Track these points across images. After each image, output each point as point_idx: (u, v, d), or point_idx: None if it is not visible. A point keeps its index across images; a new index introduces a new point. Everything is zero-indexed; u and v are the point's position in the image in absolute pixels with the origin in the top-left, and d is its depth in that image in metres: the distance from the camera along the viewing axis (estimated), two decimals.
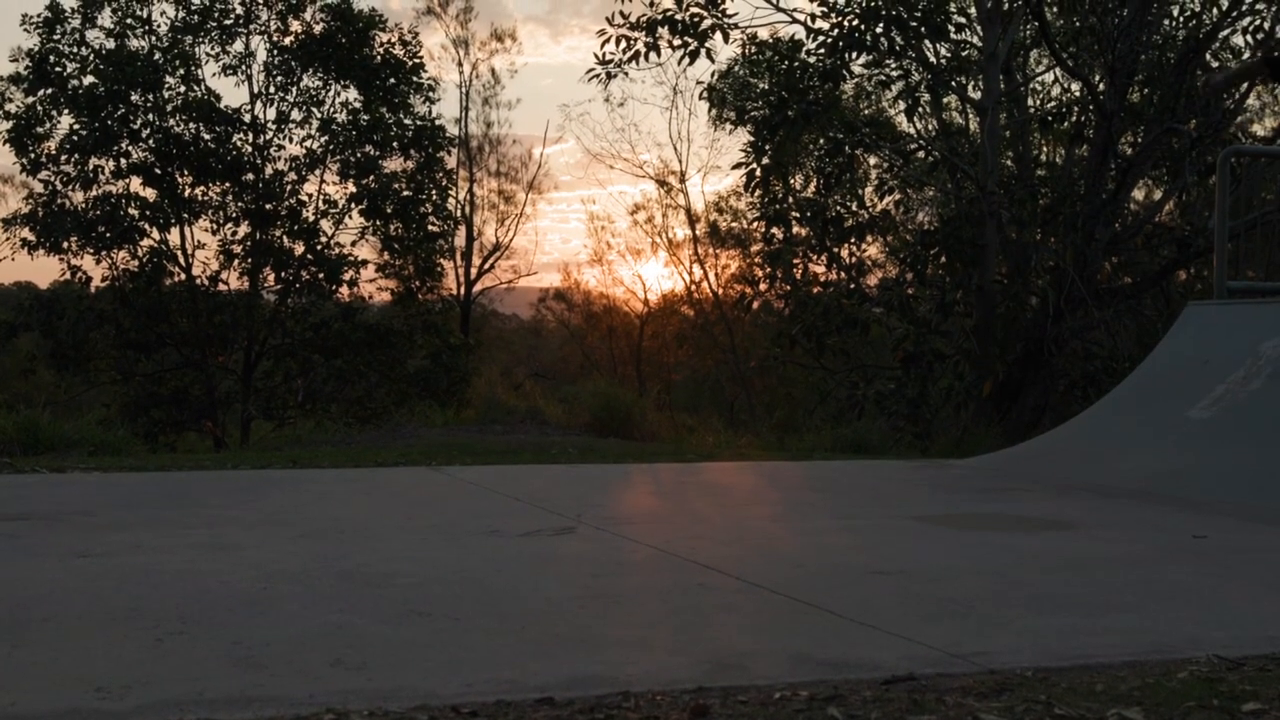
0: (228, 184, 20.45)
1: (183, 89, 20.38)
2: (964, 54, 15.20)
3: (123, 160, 19.98)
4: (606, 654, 3.54)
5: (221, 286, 20.73)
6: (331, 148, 20.92)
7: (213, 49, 20.84)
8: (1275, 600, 4.57)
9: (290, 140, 21.02)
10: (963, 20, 15.15)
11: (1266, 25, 14.06)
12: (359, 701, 3.05)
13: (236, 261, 20.58)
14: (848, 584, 4.68)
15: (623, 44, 13.73)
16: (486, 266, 36.49)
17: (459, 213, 33.05)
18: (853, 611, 4.13)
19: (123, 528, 5.80)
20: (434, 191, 21.58)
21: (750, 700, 3.06)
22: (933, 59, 14.87)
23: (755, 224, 17.32)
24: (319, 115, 21.03)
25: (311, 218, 20.95)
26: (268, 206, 20.45)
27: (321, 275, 20.70)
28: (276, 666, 3.36)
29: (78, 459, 9.57)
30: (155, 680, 3.22)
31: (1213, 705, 2.99)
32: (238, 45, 21.05)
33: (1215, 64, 14.88)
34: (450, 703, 3.05)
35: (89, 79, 19.92)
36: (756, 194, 15.09)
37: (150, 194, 20.25)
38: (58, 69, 19.93)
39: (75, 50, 20.09)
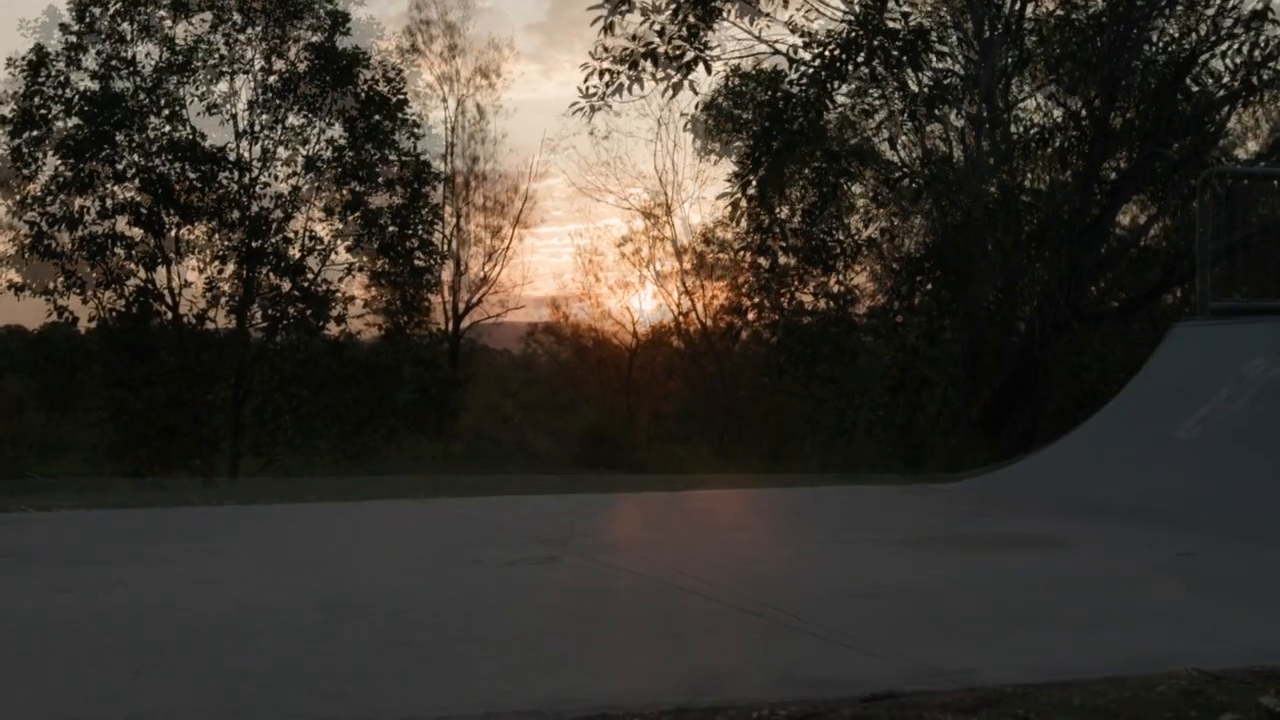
0: (214, 222, 20.45)
1: (167, 129, 20.39)
2: (946, 82, 15.25)
3: (108, 201, 19.98)
4: (588, 676, 3.53)
5: (209, 324, 20.70)
6: (317, 184, 20.95)
7: (197, 89, 20.88)
8: (1258, 614, 4.56)
9: (276, 178, 21.05)
10: (944, 49, 15.22)
11: (1245, 50, 14.14)
12: None
13: (223, 299, 20.56)
14: (833, 605, 4.66)
15: (606, 77, 13.75)
16: (474, 300, 36.47)
17: (445, 247, 33.03)
18: (837, 632, 4.11)
19: (106, 563, 5.77)
20: (420, 227, 21.60)
21: (731, 718, 3.05)
22: (915, 87, 14.92)
23: (741, 253, 17.35)
24: (304, 152, 21.06)
25: (298, 255, 20.95)
26: (254, 244, 20.45)
27: (309, 312, 20.68)
28: (253, 695, 3.34)
29: (64, 497, 9.53)
30: (131, 711, 3.20)
31: (1190, 716, 2.98)
32: (222, 85, 21.10)
33: (1196, 88, 14.94)
34: None
35: (74, 121, 19.94)
36: (742, 223, 15.12)
37: (136, 234, 20.26)
38: (43, 111, 19.95)
39: (60, 93, 20.11)
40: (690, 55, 13.64)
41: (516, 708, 3.16)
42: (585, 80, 13.75)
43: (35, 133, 19.90)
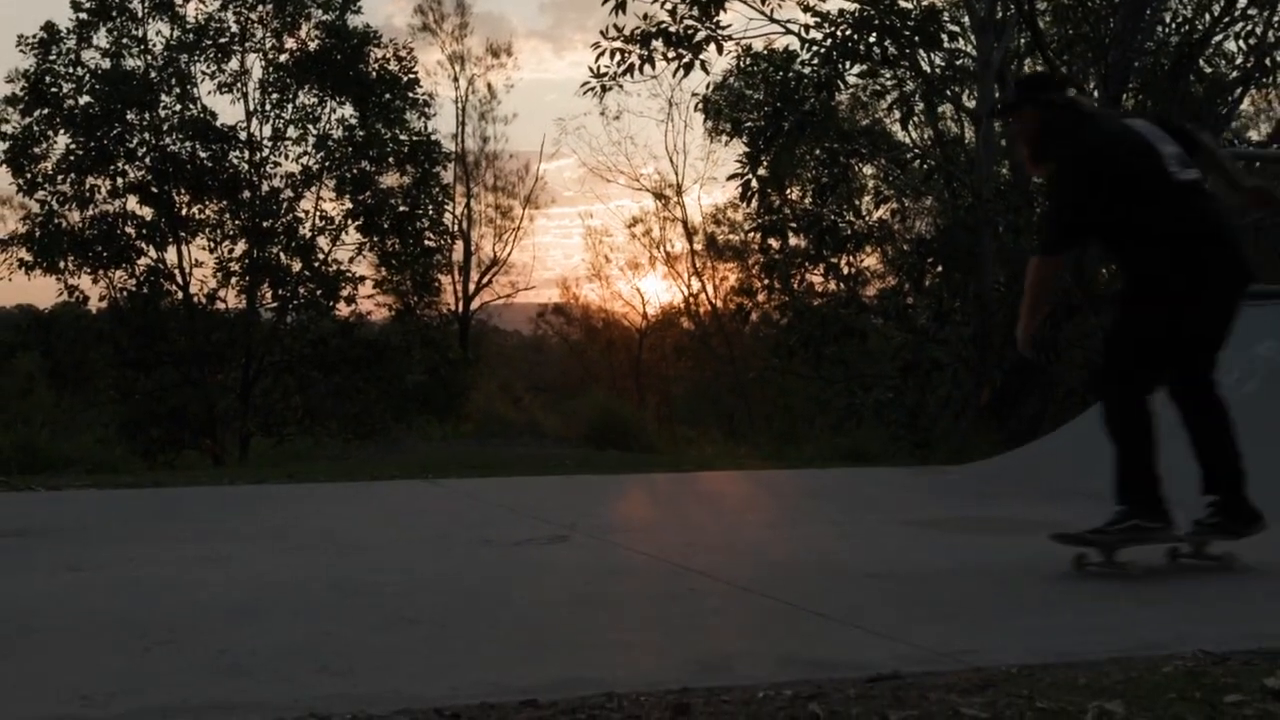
0: (224, 202, 20.46)
1: (178, 107, 20.40)
2: (958, 63, 15.21)
3: (119, 179, 19.99)
4: (593, 657, 3.55)
5: (219, 305, 20.73)
6: (327, 164, 20.93)
7: (208, 67, 20.87)
8: (1263, 595, 4.57)
9: (286, 157, 21.04)
10: (956, 29, 15.17)
11: (1259, 31, 14.09)
12: (342, 705, 3.05)
13: (234, 279, 20.57)
14: (838, 587, 4.68)
15: (617, 57, 13.72)
16: (485, 281, 36.50)
17: (456, 228, 33.04)
18: (842, 614, 4.13)
19: (116, 541, 5.81)
20: (430, 206, 21.60)
21: (733, 699, 3.06)
22: (927, 68, 14.88)
23: (752, 234, 17.32)
24: (315, 132, 21.04)
25: (308, 234, 20.94)
26: (264, 224, 20.45)
27: (319, 292, 20.70)
28: (261, 673, 3.36)
29: (75, 477, 9.57)
30: (141, 688, 3.23)
31: (1194, 697, 2.99)
32: (233, 63, 21.09)
33: (1209, 70, 14.88)
34: (434, 705, 3.05)
35: (85, 99, 19.94)
36: (753, 204, 15.07)
37: (147, 213, 20.27)
38: (53, 89, 19.95)
39: (71, 70, 20.12)
40: (702, 34, 13.59)
41: (523, 686, 3.17)
42: (596, 60, 13.72)
43: (46, 111, 19.90)
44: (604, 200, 55.85)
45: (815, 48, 13.69)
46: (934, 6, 13.98)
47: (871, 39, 13.48)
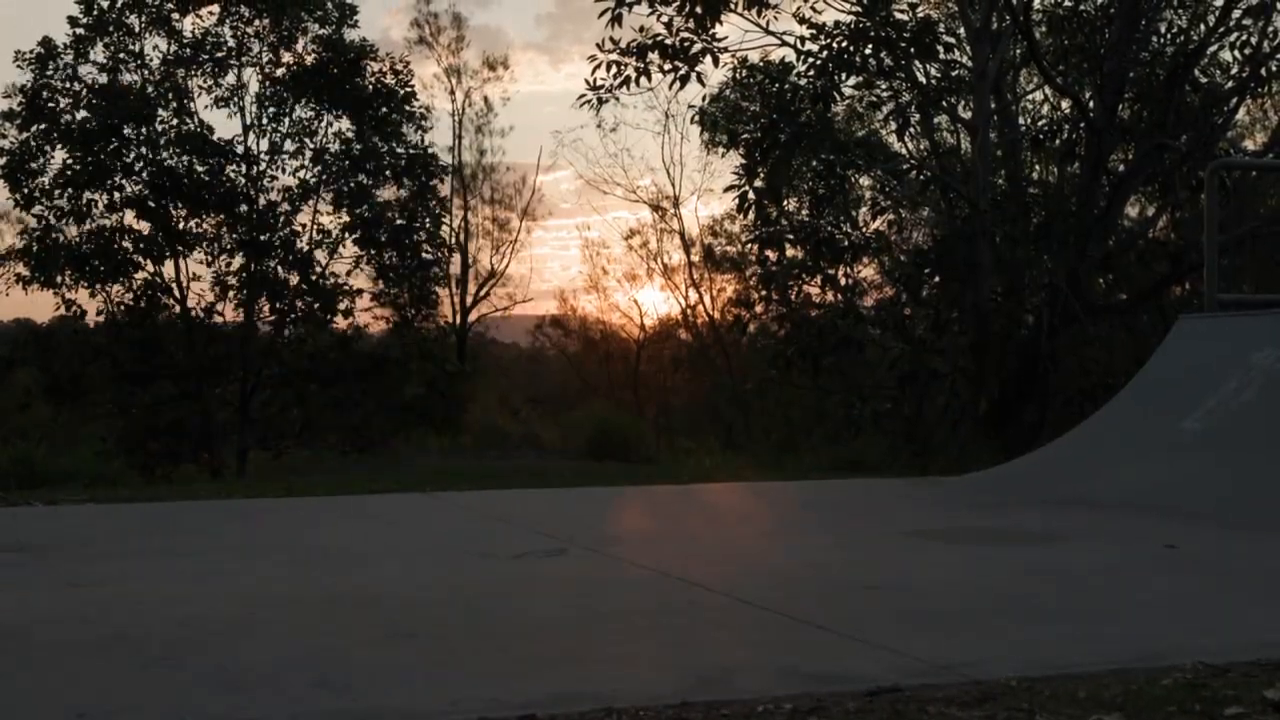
0: (221, 216, 20.46)
1: (175, 122, 20.41)
2: (954, 74, 15.21)
3: (116, 194, 20.00)
4: (592, 671, 3.53)
5: (217, 318, 20.73)
6: (325, 177, 20.93)
7: (205, 82, 20.89)
8: (1263, 607, 4.56)
9: (283, 171, 21.06)
10: (951, 40, 15.18)
11: (1254, 40, 14.09)
12: None
13: (231, 293, 20.57)
14: (839, 599, 4.67)
15: (614, 70, 13.73)
16: (482, 294, 36.47)
17: (453, 240, 33.02)
18: (842, 626, 4.12)
19: (113, 557, 5.79)
20: (427, 219, 21.60)
21: (733, 713, 3.05)
22: (923, 79, 14.89)
23: (749, 246, 17.31)
24: (312, 145, 21.05)
25: (306, 248, 20.95)
26: (262, 238, 20.45)
27: (317, 305, 20.70)
28: (259, 689, 3.35)
29: (72, 491, 9.56)
30: (138, 705, 3.22)
31: (1194, 710, 2.98)
32: (230, 78, 21.12)
33: (1204, 80, 14.89)
34: None
35: (82, 114, 19.95)
36: (750, 216, 15.07)
37: (144, 227, 20.27)
38: (51, 105, 19.96)
39: (68, 86, 20.14)
40: (698, 47, 13.61)
41: (521, 701, 3.16)
42: (593, 72, 13.74)
43: (44, 126, 19.92)
44: (601, 212, 55.85)
45: (811, 60, 13.72)
46: (929, 18, 14.01)
47: (867, 51, 13.51)
